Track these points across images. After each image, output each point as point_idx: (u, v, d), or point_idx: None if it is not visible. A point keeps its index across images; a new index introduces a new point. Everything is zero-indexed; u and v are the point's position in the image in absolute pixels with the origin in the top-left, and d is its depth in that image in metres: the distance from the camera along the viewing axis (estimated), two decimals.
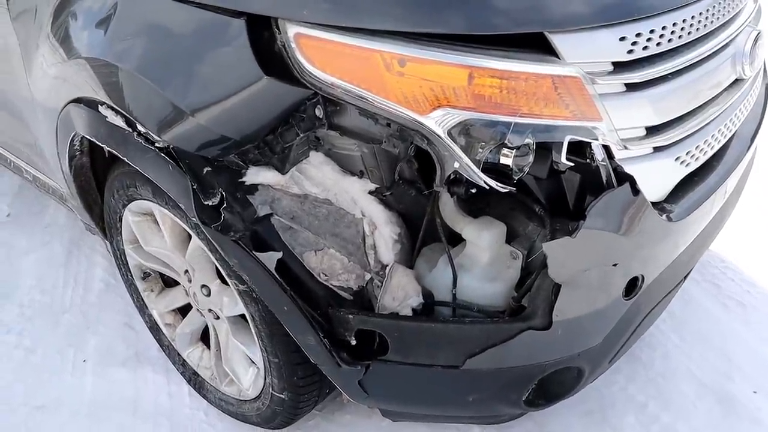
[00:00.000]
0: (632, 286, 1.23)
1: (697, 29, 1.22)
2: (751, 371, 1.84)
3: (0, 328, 2.12)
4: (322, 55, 1.09)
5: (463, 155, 1.05)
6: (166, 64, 1.22)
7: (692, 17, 1.20)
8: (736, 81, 1.40)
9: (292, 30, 1.09)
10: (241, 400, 1.68)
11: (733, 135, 1.47)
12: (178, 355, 1.84)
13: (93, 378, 1.95)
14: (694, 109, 1.27)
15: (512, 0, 1.06)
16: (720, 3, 1.29)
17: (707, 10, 1.24)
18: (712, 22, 1.26)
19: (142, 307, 1.91)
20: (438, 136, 1.06)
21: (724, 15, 1.30)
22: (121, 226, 1.71)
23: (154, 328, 1.90)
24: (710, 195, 1.34)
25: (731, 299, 2.09)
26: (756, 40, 1.38)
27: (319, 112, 1.14)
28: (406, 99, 1.06)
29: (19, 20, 1.61)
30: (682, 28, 1.18)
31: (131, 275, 1.85)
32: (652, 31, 1.13)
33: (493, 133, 1.05)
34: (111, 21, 1.30)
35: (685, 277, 1.55)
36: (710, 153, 1.36)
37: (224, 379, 1.72)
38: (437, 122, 1.05)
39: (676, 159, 1.25)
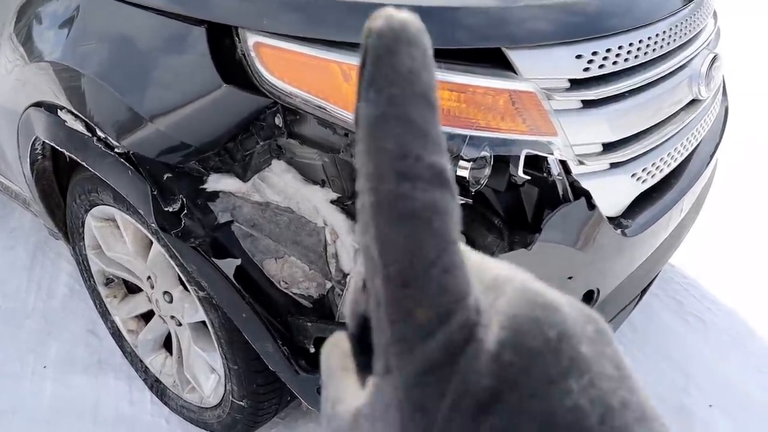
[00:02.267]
0: (588, 299, 1.24)
1: (654, 50, 1.25)
2: (708, 386, 1.87)
3: None
4: (282, 64, 1.10)
5: None
6: (127, 70, 1.22)
7: (648, 38, 1.23)
8: (694, 101, 1.43)
9: (252, 39, 1.10)
10: (202, 408, 1.67)
11: (692, 153, 1.51)
12: (141, 361, 1.82)
13: (53, 384, 1.92)
14: (650, 127, 1.30)
15: (471, 15, 1.08)
16: (677, 26, 1.32)
17: (664, 32, 1.27)
18: (668, 43, 1.29)
19: (104, 314, 1.89)
20: None
21: (681, 37, 1.34)
22: (83, 232, 1.69)
23: (117, 335, 1.88)
24: (667, 211, 1.36)
25: (692, 315, 2.12)
26: (712, 63, 1.41)
27: (278, 120, 1.15)
28: None
29: None
30: (638, 48, 1.21)
31: (94, 281, 1.83)
32: (608, 50, 1.16)
33: (449, 145, 1.06)
34: (73, 25, 1.30)
35: (644, 292, 1.58)
36: (667, 170, 1.39)
37: (186, 386, 1.70)
38: None
39: (633, 175, 1.27)
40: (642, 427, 0.22)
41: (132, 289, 1.83)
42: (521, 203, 1.24)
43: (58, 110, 1.35)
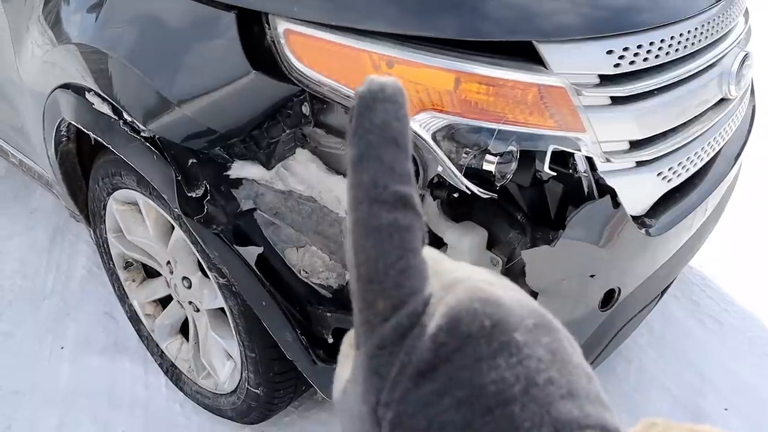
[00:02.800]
0: (609, 298, 1.23)
1: (685, 47, 1.23)
2: (724, 389, 1.85)
3: None
4: (311, 52, 1.09)
5: (446, 159, 1.06)
6: (156, 54, 1.22)
7: (680, 35, 1.22)
8: (723, 100, 1.42)
9: (282, 26, 1.10)
10: (217, 394, 1.68)
11: (717, 153, 1.49)
12: (157, 346, 1.83)
13: (70, 365, 1.94)
14: (678, 126, 1.28)
15: (502, 8, 1.07)
16: (709, 22, 1.30)
17: (696, 29, 1.26)
18: (700, 40, 1.27)
19: (122, 297, 1.90)
20: (422, 139, 1.06)
21: (712, 34, 1.32)
22: (105, 215, 1.70)
23: (134, 319, 1.89)
24: (691, 212, 1.35)
25: (709, 317, 2.10)
26: (743, 61, 1.40)
27: (305, 109, 1.14)
28: None
29: (11, 2, 1.60)
30: (670, 45, 1.20)
31: (113, 264, 1.84)
32: (639, 46, 1.14)
33: (477, 138, 1.05)
34: (102, 8, 1.30)
35: (663, 292, 1.57)
36: (693, 170, 1.37)
37: (202, 372, 1.71)
38: (422, 125, 1.06)
39: (659, 174, 1.26)
40: (567, 402, 0.26)
41: (151, 273, 1.84)
42: (545, 199, 1.24)
43: (86, 93, 1.35)
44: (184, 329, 1.78)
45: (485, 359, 0.27)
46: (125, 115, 1.28)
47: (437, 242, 1.26)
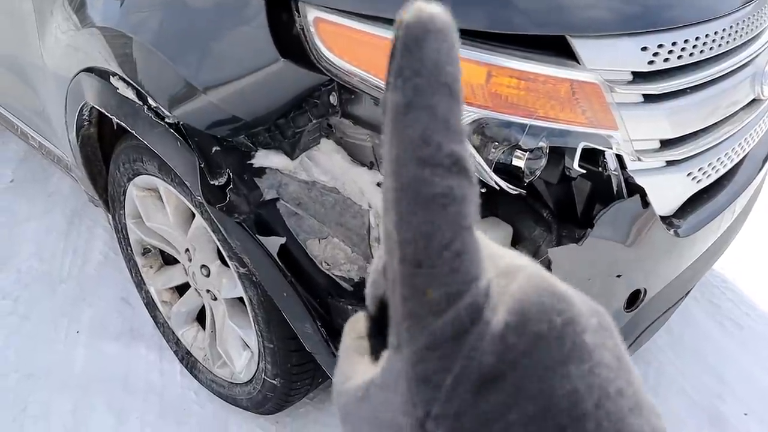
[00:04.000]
0: (634, 298, 1.22)
1: (719, 45, 1.21)
2: (744, 393, 1.83)
3: None
4: (341, 41, 1.08)
5: (475, 153, 1.04)
6: (182, 39, 1.21)
7: (715, 33, 1.19)
8: (754, 101, 1.39)
9: (312, 14, 1.08)
10: (232, 383, 1.68)
11: (746, 155, 1.46)
12: (173, 333, 1.83)
13: (85, 350, 1.94)
14: (709, 126, 1.26)
15: (536, 1, 1.05)
16: (743, 21, 1.27)
17: (731, 27, 1.23)
18: (734, 39, 1.25)
19: (139, 283, 1.90)
20: None
21: (746, 33, 1.29)
22: (124, 200, 1.70)
23: (151, 305, 1.89)
24: (719, 213, 1.33)
25: (729, 320, 2.08)
26: None
27: (333, 99, 1.13)
28: None
29: None
30: (704, 43, 1.17)
31: (131, 250, 1.84)
32: (674, 44, 1.12)
33: (507, 133, 1.03)
34: None
35: (686, 294, 1.55)
36: (722, 171, 1.35)
37: (217, 361, 1.71)
38: None
39: (688, 174, 1.24)
40: (636, 416, 0.23)
41: (168, 260, 1.84)
42: (572, 197, 1.22)
43: (110, 77, 1.35)
44: (200, 317, 1.78)
45: (557, 366, 0.23)
46: (150, 101, 1.27)
47: None
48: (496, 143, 1.04)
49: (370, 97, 1.09)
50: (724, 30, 1.22)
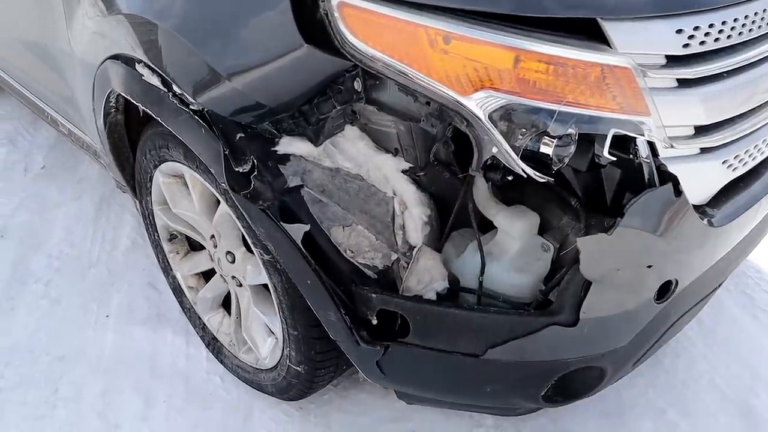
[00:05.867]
0: (665, 289, 1.19)
1: (759, 27, 1.16)
2: None
3: (28, 278, 2.16)
4: (365, 26, 1.06)
5: (502, 140, 1.02)
6: (206, 26, 1.21)
7: (755, 14, 1.14)
8: None
9: None
10: (257, 369, 1.69)
11: None
12: (199, 318, 1.85)
13: (114, 334, 1.97)
14: (746, 112, 1.22)
15: None
16: None
17: None
18: None
19: (166, 269, 1.92)
20: (478, 118, 1.02)
21: None
22: (151, 187, 1.71)
23: (177, 290, 1.91)
24: (755, 202, 1.29)
25: (763, 312, 2.03)
26: None
27: (357, 85, 1.12)
28: (448, 78, 1.03)
29: None
30: (744, 25, 1.12)
31: (158, 236, 1.86)
32: (711, 26, 1.07)
33: (535, 120, 1.01)
34: None
35: (719, 286, 1.51)
36: (759, 159, 1.31)
37: (242, 347, 1.72)
38: (479, 104, 1.02)
39: (723, 162, 1.20)
40: None
41: (195, 246, 1.85)
42: (601, 185, 1.19)
43: (136, 64, 1.35)
44: (226, 303, 1.79)
45: None
46: (174, 88, 1.27)
47: (487, 225, 1.23)
48: (524, 130, 1.02)
49: (394, 82, 1.07)
50: (764, 11, 1.17)
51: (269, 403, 1.73)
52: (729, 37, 1.11)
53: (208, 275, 1.81)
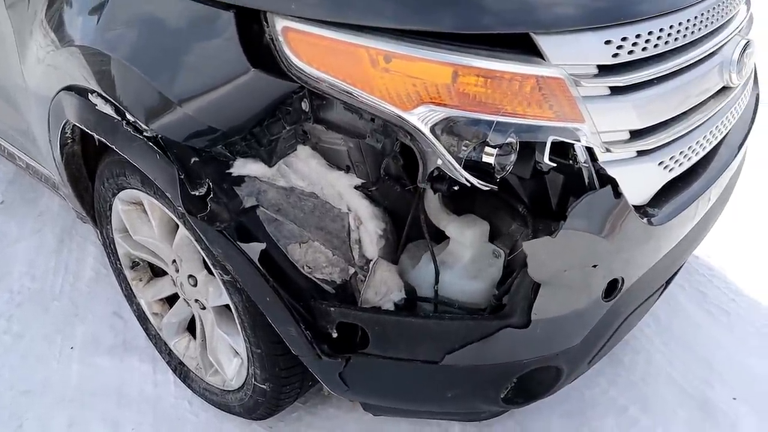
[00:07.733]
0: (612, 288, 1.23)
1: (685, 36, 1.23)
2: (732, 379, 1.85)
3: None
4: (309, 49, 1.10)
5: (445, 152, 1.06)
6: (156, 54, 1.23)
7: (680, 23, 1.21)
8: (724, 88, 1.41)
9: (280, 23, 1.10)
10: (225, 390, 1.69)
11: (721, 142, 1.48)
12: (165, 344, 1.85)
13: (79, 365, 1.95)
14: (679, 115, 1.28)
15: (499, 0, 1.07)
16: (709, 11, 1.30)
17: (695, 17, 1.25)
18: (700, 29, 1.27)
19: (130, 296, 1.92)
20: (421, 132, 1.07)
21: (713, 23, 1.31)
22: (110, 215, 1.72)
23: (142, 318, 1.91)
24: (693, 201, 1.34)
25: (716, 307, 2.10)
26: (744, 49, 1.39)
27: (305, 105, 1.15)
28: (390, 95, 1.07)
29: (14, 7, 1.61)
30: (669, 34, 1.19)
31: (120, 264, 1.86)
32: (638, 36, 1.14)
33: (475, 131, 1.06)
34: (104, 9, 1.31)
35: (668, 282, 1.56)
36: (695, 159, 1.37)
37: (209, 369, 1.73)
38: (420, 119, 1.06)
39: (660, 163, 1.25)
40: None
41: (157, 272, 1.85)
42: (546, 191, 1.24)
43: (89, 94, 1.36)
44: (191, 327, 1.80)
45: None
46: (128, 116, 1.29)
47: (442, 236, 1.27)
48: (466, 141, 1.06)
49: (340, 102, 1.11)
50: (689, 20, 1.24)
51: (238, 423, 1.74)
52: (656, 46, 1.17)
53: (171, 300, 1.81)
